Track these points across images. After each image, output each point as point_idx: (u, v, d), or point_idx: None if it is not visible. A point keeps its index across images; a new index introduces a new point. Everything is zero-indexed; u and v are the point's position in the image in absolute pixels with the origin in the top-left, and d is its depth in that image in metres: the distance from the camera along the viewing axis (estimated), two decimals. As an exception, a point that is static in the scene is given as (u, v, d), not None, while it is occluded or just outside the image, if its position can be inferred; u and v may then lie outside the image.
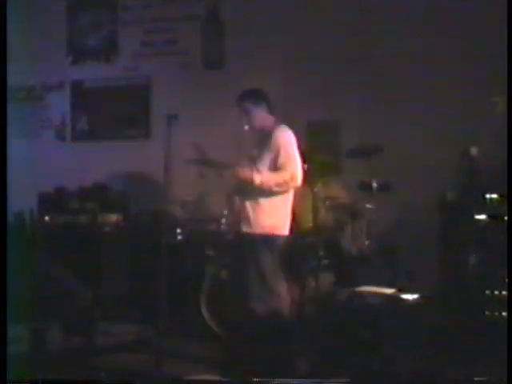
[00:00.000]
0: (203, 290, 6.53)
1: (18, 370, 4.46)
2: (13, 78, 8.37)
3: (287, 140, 5.49)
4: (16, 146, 8.32)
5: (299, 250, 6.15)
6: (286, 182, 5.42)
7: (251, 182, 5.34)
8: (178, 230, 7.29)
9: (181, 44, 8.33)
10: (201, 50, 8.27)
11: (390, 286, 5.68)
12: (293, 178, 5.41)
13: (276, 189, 5.39)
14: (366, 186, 6.72)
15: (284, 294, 5.29)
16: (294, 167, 5.39)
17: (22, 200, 7.62)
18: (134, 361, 5.25)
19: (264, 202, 5.42)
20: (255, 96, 5.64)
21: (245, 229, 5.44)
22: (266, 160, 5.40)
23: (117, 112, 8.59)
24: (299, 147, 5.65)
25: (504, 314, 5.32)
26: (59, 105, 8.82)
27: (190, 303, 6.61)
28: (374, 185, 6.63)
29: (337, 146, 7.54)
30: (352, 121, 7.55)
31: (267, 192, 5.38)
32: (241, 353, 5.24)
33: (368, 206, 6.55)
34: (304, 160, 5.68)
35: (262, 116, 5.58)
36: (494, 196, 5.67)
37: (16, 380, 3.88)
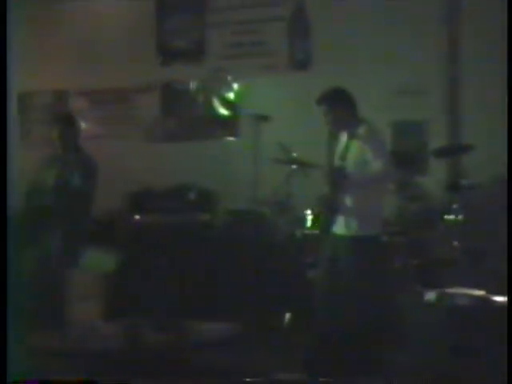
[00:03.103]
0: (292, 289, 6.65)
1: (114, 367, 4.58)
2: (102, 80, 8.77)
3: (376, 140, 5.47)
4: (107, 147, 8.58)
5: (389, 250, 6.17)
6: (376, 183, 5.43)
7: (341, 182, 5.35)
8: (265, 230, 7.34)
9: (267, 45, 8.36)
10: (287, 50, 8.28)
11: (478, 287, 5.57)
12: (383, 178, 5.44)
13: (366, 189, 5.39)
14: (453, 186, 6.74)
15: (373, 295, 5.30)
16: (385, 168, 5.36)
17: (111, 200, 7.81)
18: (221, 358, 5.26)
19: (354, 202, 5.43)
20: (336, 96, 5.61)
21: (335, 229, 5.47)
22: (356, 160, 5.40)
23: (205, 112, 8.68)
24: (388, 147, 5.69)
25: None
26: (148, 106, 8.90)
27: (276, 301, 6.70)
28: (463, 184, 6.64)
29: (424, 146, 7.56)
30: (440, 120, 7.54)
31: (357, 192, 5.39)
32: (329, 352, 5.21)
33: (455, 206, 6.53)
34: (393, 160, 5.69)
35: (344, 117, 5.56)
36: None
37: (16, 380, 3.77)
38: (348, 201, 5.42)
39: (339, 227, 5.47)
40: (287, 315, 6.58)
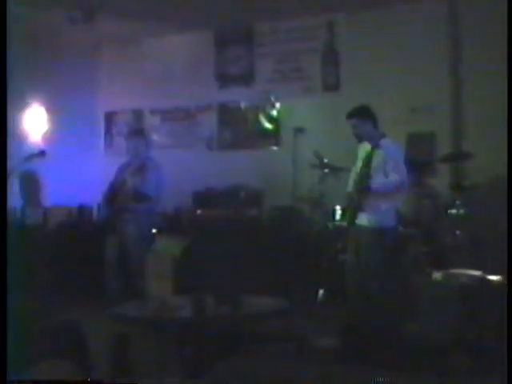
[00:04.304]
0: (325, 270, 7.11)
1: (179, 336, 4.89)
2: (171, 101, 9.65)
3: (396, 154, 5.90)
4: (175, 155, 9.49)
5: (404, 238, 6.56)
6: (393, 191, 5.91)
7: (365, 186, 5.83)
8: (303, 222, 7.87)
9: (305, 71, 9.06)
10: (321, 75, 8.97)
11: (477, 268, 5.80)
12: (399, 188, 5.88)
13: (386, 191, 5.86)
14: (457, 186, 7.26)
15: (390, 275, 5.83)
16: (401, 181, 5.79)
17: (179, 198, 8.67)
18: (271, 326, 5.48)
19: (375, 199, 5.83)
20: (362, 112, 6.01)
21: (359, 221, 5.94)
22: (378, 168, 5.82)
23: (253, 126, 9.42)
24: (404, 157, 6.09)
25: None
26: (208, 122, 9.72)
27: (313, 280, 7.16)
28: (464, 185, 7.17)
29: (433, 153, 8.00)
30: (446, 132, 8.07)
31: (379, 193, 5.83)
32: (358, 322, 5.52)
33: (458, 202, 7.03)
34: (408, 168, 6.06)
35: (368, 129, 5.96)
36: None
37: (16, 380, 3.55)
38: (370, 199, 5.84)
39: (362, 220, 5.90)
40: (321, 292, 7.00)
